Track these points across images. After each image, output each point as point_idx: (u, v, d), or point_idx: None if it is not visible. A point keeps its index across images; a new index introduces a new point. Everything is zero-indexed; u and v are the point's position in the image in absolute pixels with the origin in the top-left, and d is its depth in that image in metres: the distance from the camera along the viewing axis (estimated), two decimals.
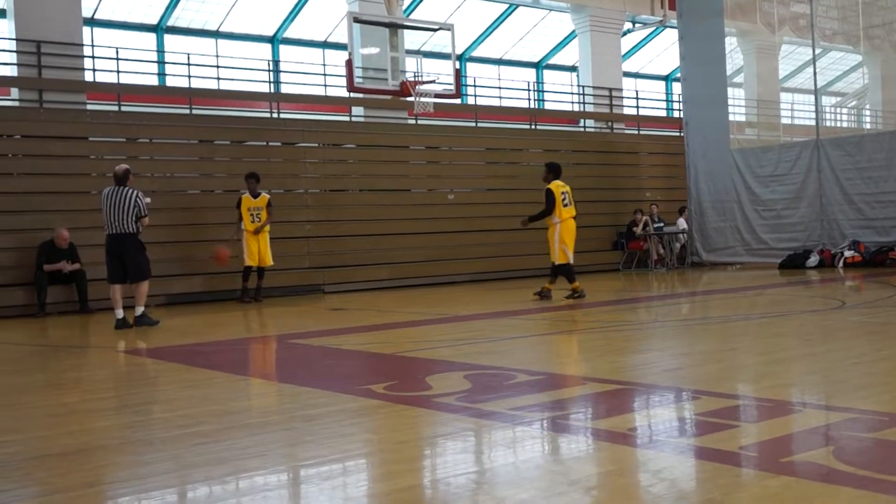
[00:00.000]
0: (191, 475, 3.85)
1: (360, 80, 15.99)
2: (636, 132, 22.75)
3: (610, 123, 22.29)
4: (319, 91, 18.52)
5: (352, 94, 16.85)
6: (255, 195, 14.10)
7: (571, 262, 12.10)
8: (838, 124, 27.28)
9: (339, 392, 5.60)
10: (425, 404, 5.13)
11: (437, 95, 16.13)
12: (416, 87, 15.60)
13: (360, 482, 3.80)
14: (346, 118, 18.40)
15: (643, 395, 5.36)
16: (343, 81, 16.09)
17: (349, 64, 15.12)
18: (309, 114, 18.11)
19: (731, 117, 20.45)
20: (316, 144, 17.04)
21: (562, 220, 11.94)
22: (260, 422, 4.87)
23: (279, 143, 16.75)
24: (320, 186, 16.88)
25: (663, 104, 26.56)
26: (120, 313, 10.27)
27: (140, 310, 10.35)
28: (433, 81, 16.06)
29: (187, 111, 16.23)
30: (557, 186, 12.01)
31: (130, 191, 10.22)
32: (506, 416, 4.68)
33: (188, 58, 16.75)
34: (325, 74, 18.64)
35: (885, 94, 25.01)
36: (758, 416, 4.69)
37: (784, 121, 24.75)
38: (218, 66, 17.37)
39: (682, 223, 20.26)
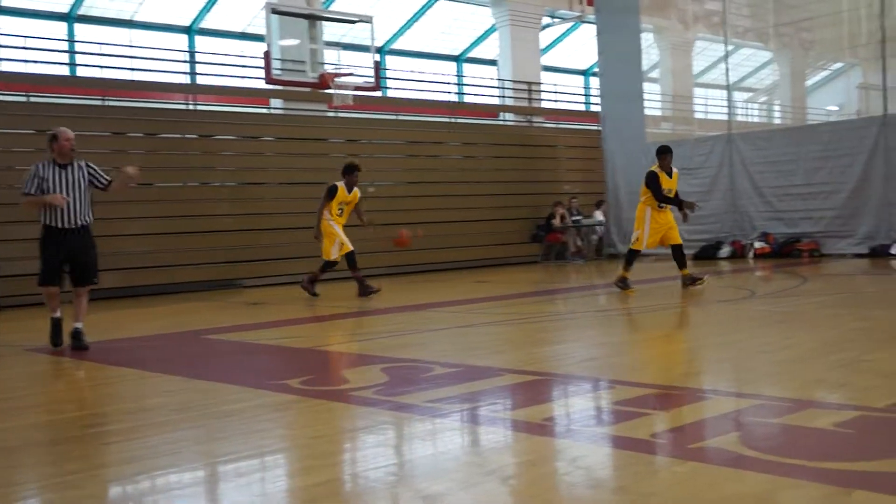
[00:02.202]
0: (100, 475, 3.76)
1: (279, 71, 15.83)
2: (555, 126, 22.97)
3: (529, 117, 22.48)
4: (237, 83, 18.26)
5: (270, 86, 16.63)
6: (351, 189, 12.54)
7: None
8: (749, 119, 27.96)
9: (254, 388, 5.53)
10: (342, 398, 5.10)
11: (357, 88, 16.06)
12: (336, 79, 15.51)
13: (275, 478, 3.76)
14: (265, 110, 18.18)
15: (559, 385, 5.43)
16: (261, 73, 15.90)
17: (267, 55, 14.96)
18: (226, 106, 17.84)
19: (646, 112, 20.82)
20: (233, 137, 16.79)
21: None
22: (173, 419, 4.79)
23: (195, 136, 16.45)
24: (237, 179, 16.65)
25: (582, 98, 26.88)
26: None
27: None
28: (352, 74, 15.99)
29: (100, 103, 15.83)
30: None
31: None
32: (423, 408, 4.69)
33: (100, 48, 16.33)
34: (243, 66, 18.38)
35: (794, 91, 25.74)
36: (669, 404, 4.78)
37: (698, 115, 25.27)
38: (132, 57, 16.98)
39: (599, 215, 20.55)
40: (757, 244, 17.47)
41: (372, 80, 16.26)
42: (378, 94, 18.11)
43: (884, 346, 6.25)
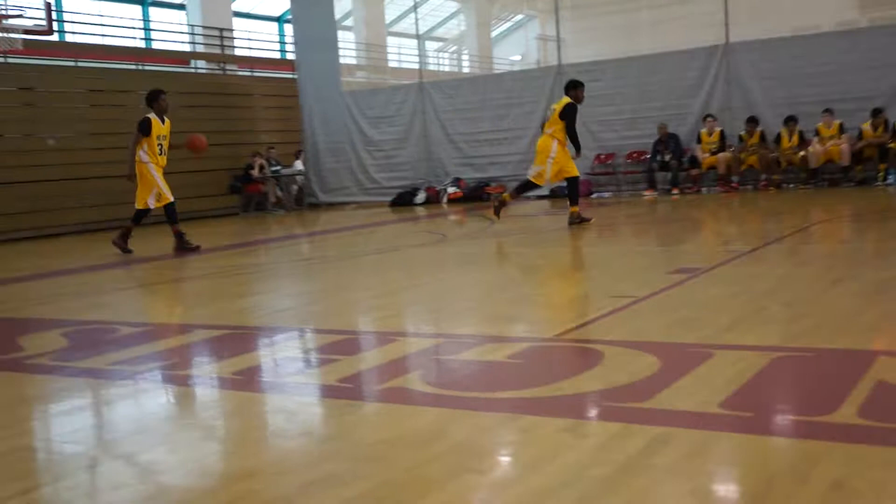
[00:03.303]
0: None
1: None
2: (250, 74, 22.50)
3: (222, 65, 21.83)
4: None
5: None
6: (164, 119, 11.06)
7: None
8: (441, 68, 28.97)
9: None
10: (15, 367, 4.75)
11: (27, 31, 14.77)
12: (1, 21, 14.16)
13: None
14: None
15: (251, 338, 5.38)
16: None
17: None
18: None
19: (341, 60, 20.94)
20: None
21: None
22: None
23: None
24: None
25: (277, 46, 26.50)
26: None
27: None
28: (21, 16, 14.67)
29: None
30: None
31: None
32: (105, 371, 4.47)
33: None
34: None
35: (480, 41, 26.95)
36: (360, 348, 4.90)
37: (392, 64, 25.80)
38: None
39: (298, 165, 20.49)
40: (450, 189, 18.23)
41: (44, 22, 15.02)
42: (54, 38, 16.78)
43: (556, 280, 6.77)
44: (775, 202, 13.20)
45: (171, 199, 11.07)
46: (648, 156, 16.45)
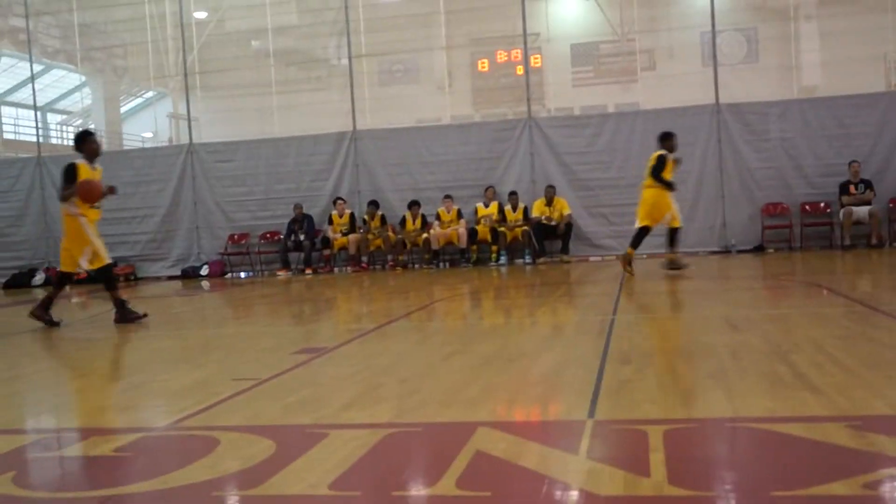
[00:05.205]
0: None
1: None
2: None
3: None
4: None
5: None
6: (95, 162, 9.28)
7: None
8: (65, 142, 27.32)
9: None
10: None
11: None
12: None
13: None
14: None
15: None
16: None
17: None
18: None
19: None
20: None
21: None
22: None
23: None
24: None
25: None
26: None
27: None
28: None
29: None
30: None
31: None
32: None
33: None
34: None
35: (109, 115, 25.82)
36: None
37: (8, 136, 23.97)
38: None
39: None
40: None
41: None
42: None
43: (178, 364, 6.52)
44: (401, 281, 13.84)
45: (109, 260, 9.57)
46: (282, 236, 16.61)
